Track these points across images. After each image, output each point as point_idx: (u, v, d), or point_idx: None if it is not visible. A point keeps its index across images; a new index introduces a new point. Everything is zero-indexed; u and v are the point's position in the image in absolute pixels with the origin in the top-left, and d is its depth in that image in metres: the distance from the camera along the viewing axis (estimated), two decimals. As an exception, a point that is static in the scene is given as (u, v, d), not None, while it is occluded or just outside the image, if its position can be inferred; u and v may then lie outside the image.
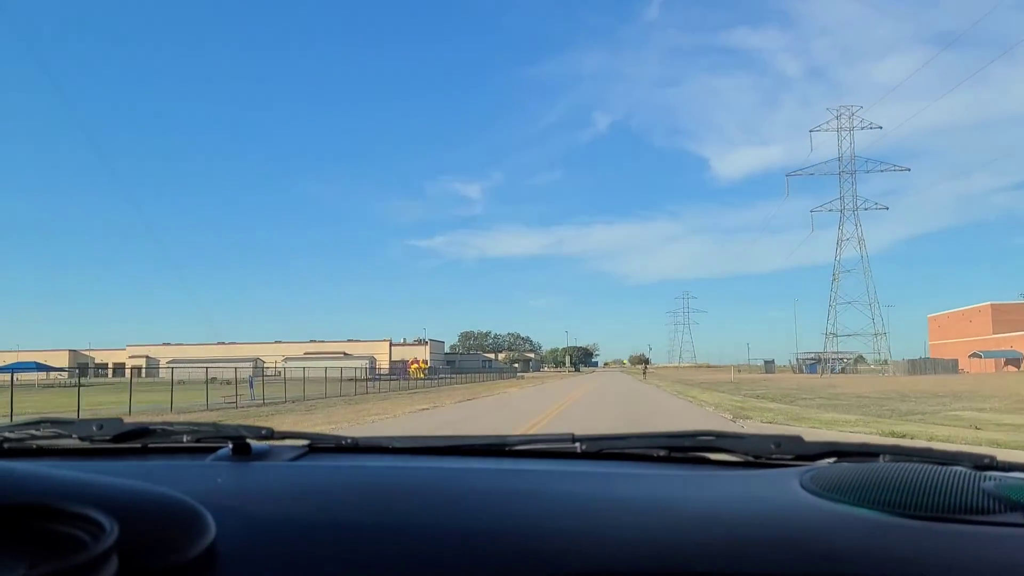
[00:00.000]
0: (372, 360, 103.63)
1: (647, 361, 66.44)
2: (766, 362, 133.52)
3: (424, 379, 66.59)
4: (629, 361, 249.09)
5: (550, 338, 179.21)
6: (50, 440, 1.48)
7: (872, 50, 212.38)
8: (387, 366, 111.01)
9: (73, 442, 1.46)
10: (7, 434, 1.46)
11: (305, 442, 1.42)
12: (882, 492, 0.95)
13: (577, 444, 1.38)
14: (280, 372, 45.42)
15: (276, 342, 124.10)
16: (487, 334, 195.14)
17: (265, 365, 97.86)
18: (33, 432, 1.47)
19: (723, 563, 0.82)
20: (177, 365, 31.60)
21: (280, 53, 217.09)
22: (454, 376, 79.16)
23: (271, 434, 1.38)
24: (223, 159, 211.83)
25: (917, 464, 1.04)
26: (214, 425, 1.47)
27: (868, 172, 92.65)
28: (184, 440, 1.42)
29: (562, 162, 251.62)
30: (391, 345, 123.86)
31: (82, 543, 0.58)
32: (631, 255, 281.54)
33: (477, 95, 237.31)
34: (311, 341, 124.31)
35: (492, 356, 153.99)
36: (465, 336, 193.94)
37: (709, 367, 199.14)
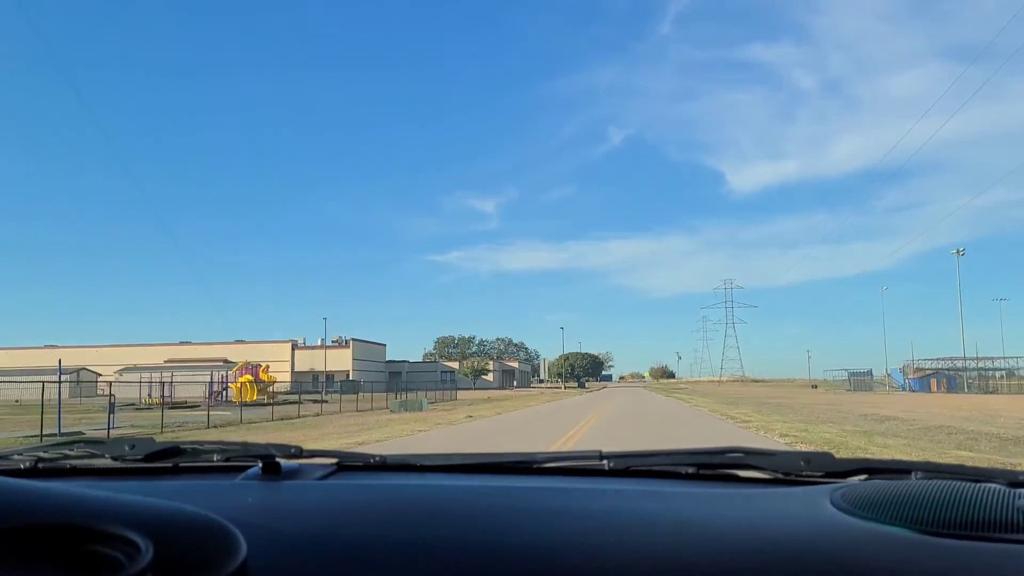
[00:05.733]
0: (254, 369, 63.76)
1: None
2: (853, 375, 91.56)
3: (267, 403, 36.25)
4: (651, 374, 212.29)
5: (562, 350, 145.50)
6: (84, 460, 1.50)
7: (888, 64, 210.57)
8: (289, 376, 72.15)
9: (106, 462, 1.48)
10: (41, 454, 1.49)
11: (333, 460, 1.44)
12: (914, 510, 0.92)
13: (605, 461, 1.37)
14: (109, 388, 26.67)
15: (136, 345, 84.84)
16: (470, 340, 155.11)
17: (99, 378, 63.03)
18: (67, 452, 1.50)
19: None
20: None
21: (301, 75, 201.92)
22: (322, 401, 40.47)
23: (300, 452, 1.42)
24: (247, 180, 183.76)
25: (950, 481, 1.02)
26: (243, 445, 1.50)
27: None
28: (214, 459, 1.45)
29: (577, 177, 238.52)
30: (295, 348, 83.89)
31: (118, 563, 0.58)
32: (648, 269, 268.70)
33: (493, 111, 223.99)
34: (182, 343, 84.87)
35: (456, 366, 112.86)
36: (443, 342, 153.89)
37: (756, 382, 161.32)
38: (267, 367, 49.04)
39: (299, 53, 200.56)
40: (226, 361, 73.86)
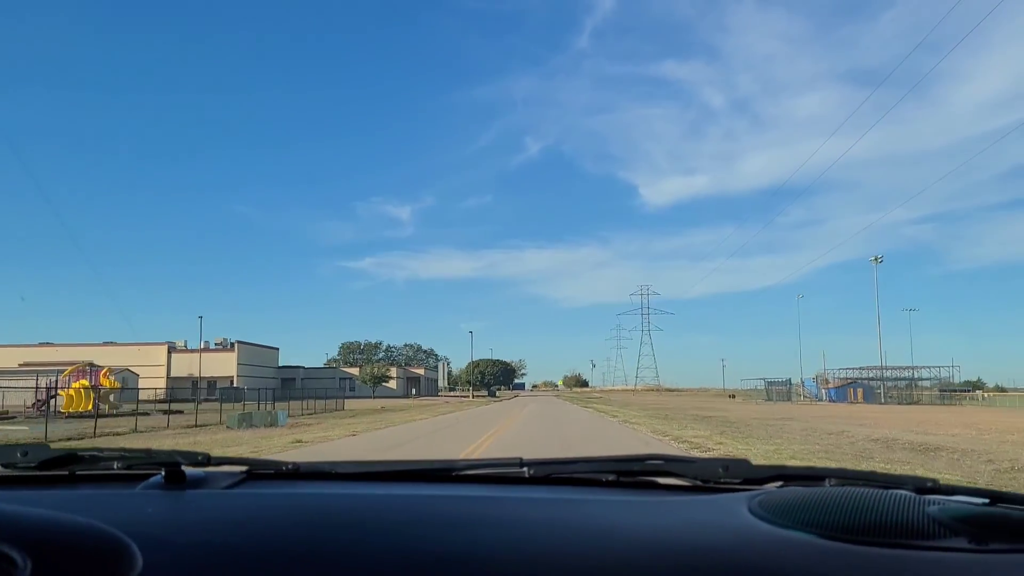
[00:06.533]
0: (93, 373, 54.91)
1: None
2: (771, 384, 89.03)
3: (107, 413, 31.42)
4: (564, 383, 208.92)
5: (471, 356, 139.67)
6: None
7: (792, 85, 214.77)
8: (164, 382, 63.42)
9: None
10: None
11: (243, 468, 1.38)
12: (825, 515, 0.95)
13: (525, 469, 1.37)
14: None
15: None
16: (376, 345, 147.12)
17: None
18: None
19: None
20: None
21: (213, 75, 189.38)
22: (178, 412, 33.38)
23: (207, 460, 1.34)
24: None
25: (862, 488, 1.05)
26: (147, 451, 1.43)
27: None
28: (114, 467, 1.38)
29: (494, 186, 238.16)
30: (171, 351, 74.91)
31: None
32: (563, 279, 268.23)
33: (409, 117, 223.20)
34: (41, 344, 74.45)
35: (356, 372, 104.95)
36: (347, 348, 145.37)
37: (671, 391, 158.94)
38: (108, 371, 41.09)
39: (207, 52, 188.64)
40: (91, 365, 64.61)
